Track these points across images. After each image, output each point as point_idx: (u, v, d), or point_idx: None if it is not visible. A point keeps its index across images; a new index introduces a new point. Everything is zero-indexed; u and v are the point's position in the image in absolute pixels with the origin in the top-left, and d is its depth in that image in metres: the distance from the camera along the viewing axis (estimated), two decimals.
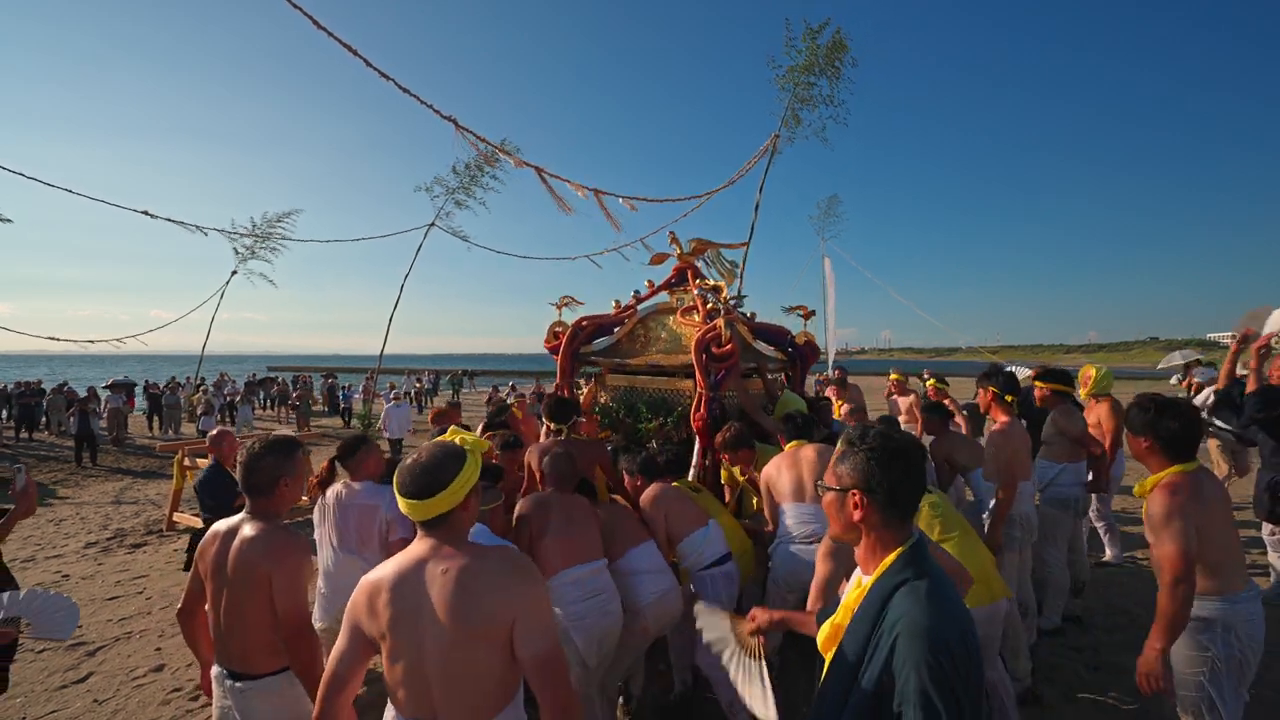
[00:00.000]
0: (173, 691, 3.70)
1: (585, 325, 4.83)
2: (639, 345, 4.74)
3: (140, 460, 12.48)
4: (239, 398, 18.54)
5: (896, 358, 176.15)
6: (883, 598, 1.30)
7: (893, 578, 1.31)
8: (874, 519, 1.36)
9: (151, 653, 4.20)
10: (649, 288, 5.13)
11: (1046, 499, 4.05)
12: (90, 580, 5.63)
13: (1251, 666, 2.18)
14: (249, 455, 2.09)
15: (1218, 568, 2.19)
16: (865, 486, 1.36)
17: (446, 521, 1.58)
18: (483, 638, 1.49)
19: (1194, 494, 2.18)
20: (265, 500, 2.08)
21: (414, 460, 1.60)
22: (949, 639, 1.20)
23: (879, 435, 1.38)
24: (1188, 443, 2.24)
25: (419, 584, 1.52)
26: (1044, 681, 3.48)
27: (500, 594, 1.51)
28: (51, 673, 3.91)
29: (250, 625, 1.98)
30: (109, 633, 4.51)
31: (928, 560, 1.34)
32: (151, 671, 3.94)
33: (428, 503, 1.54)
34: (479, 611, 1.48)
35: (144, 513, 8.25)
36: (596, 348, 4.85)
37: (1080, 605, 4.34)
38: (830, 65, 9.52)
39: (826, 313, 21.11)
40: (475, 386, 32.56)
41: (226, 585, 2.01)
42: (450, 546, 1.57)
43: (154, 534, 7.19)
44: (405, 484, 1.56)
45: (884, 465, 1.34)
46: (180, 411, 17.34)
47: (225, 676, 2.03)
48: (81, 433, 12.04)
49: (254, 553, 1.98)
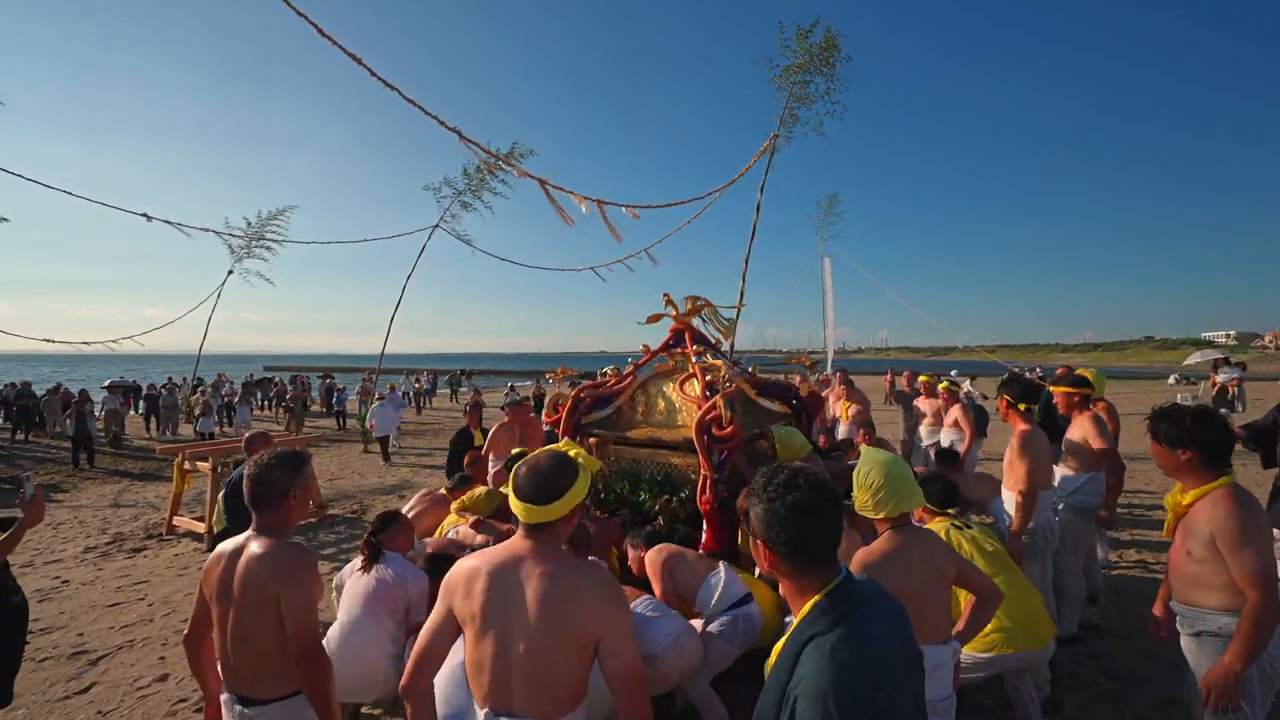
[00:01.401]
0: (178, 702, 3.63)
1: (585, 396, 4.73)
2: (639, 413, 4.62)
3: (138, 462, 12.38)
4: (237, 399, 18.42)
5: (893, 357, 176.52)
6: (794, 653, 1.25)
7: (806, 629, 1.26)
8: (784, 568, 1.33)
9: (155, 661, 4.13)
10: (644, 352, 5.02)
11: (1069, 508, 4.01)
12: (90, 586, 5.55)
13: (1274, 688, 2.16)
14: (257, 468, 2.01)
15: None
16: (768, 538, 1.32)
17: (551, 529, 1.67)
18: (568, 643, 1.57)
19: (1256, 505, 2.14)
20: (273, 515, 2.01)
21: (532, 466, 1.69)
22: (846, 705, 1.14)
23: (781, 485, 1.33)
24: (1229, 452, 2.20)
25: (516, 579, 1.61)
26: (1063, 690, 3.44)
27: (593, 608, 1.59)
28: (54, 683, 3.84)
29: (259, 648, 1.91)
30: (111, 641, 4.43)
31: (848, 604, 1.26)
32: (156, 681, 3.86)
33: (542, 509, 1.63)
34: (573, 619, 1.57)
35: (143, 516, 8.15)
36: (597, 418, 4.72)
37: (1096, 613, 4.30)
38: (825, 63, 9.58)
39: (825, 312, 21.11)
40: (474, 386, 32.47)
41: (233, 607, 1.93)
42: (551, 551, 1.66)
43: (153, 538, 7.11)
44: (523, 488, 1.65)
45: (784, 518, 1.30)
46: (178, 412, 17.22)
47: (234, 702, 1.96)
48: (78, 434, 11.94)
49: (263, 572, 1.90)
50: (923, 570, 2.04)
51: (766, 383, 4.95)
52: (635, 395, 4.70)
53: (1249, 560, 2.07)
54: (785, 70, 9.42)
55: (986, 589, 2.25)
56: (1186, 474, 2.25)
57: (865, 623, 1.25)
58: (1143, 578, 5.20)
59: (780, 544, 1.30)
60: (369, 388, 17.66)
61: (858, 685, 1.17)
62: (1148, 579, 5.14)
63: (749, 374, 5.04)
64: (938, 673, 2.04)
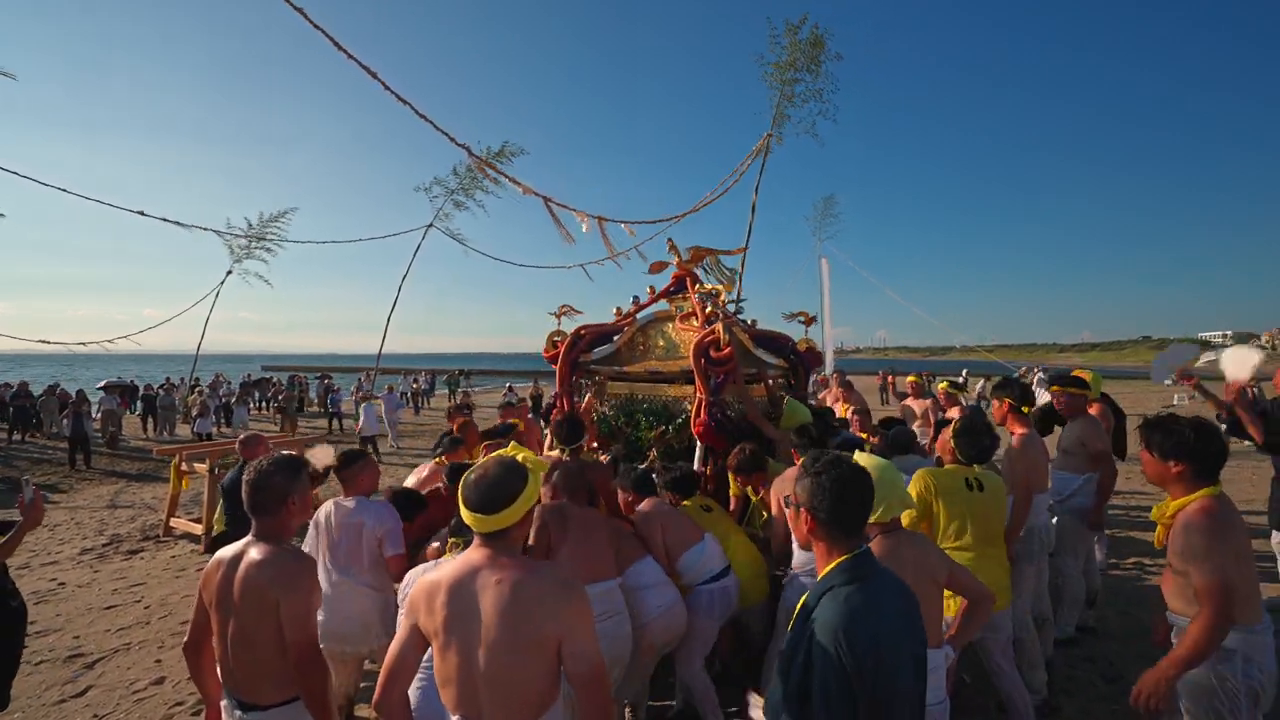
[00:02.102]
0: (174, 705, 3.62)
1: (584, 334, 4.79)
2: (638, 353, 4.69)
3: (134, 463, 12.34)
4: (234, 399, 18.38)
5: (891, 357, 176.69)
6: (817, 598, 1.52)
7: (827, 582, 1.52)
8: (820, 533, 1.58)
9: (151, 664, 4.11)
10: (650, 294, 5.09)
11: (1067, 510, 4.01)
12: (86, 588, 5.53)
13: (1267, 697, 2.16)
14: (256, 474, 2.00)
15: (1244, 600, 2.14)
16: (811, 506, 1.58)
17: (505, 536, 1.68)
18: (530, 648, 1.58)
19: (1232, 520, 2.12)
20: (272, 521, 2.00)
21: (480, 476, 1.70)
22: (853, 640, 1.37)
23: (829, 463, 1.60)
24: (1221, 464, 2.18)
25: (473, 590, 1.62)
26: (1060, 693, 3.45)
27: (550, 610, 1.60)
28: (50, 686, 3.83)
29: (259, 654, 1.91)
30: (107, 644, 4.41)
31: (866, 569, 1.52)
32: (152, 684, 3.85)
33: (494, 517, 1.64)
34: (529, 625, 1.58)
35: (140, 517, 8.14)
36: (596, 356, 4.82)
37: (1093, 616, 4.31)
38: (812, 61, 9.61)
39: (823, 313, 21.16)
40: (472, 386, 32.44)
41: (233, 614, 1.93)
42: (506, 558, 1.66)
43: (150, 539, 7.09)
44: (471, 499, 1.66)
45: (830, 490, 1.55)
46: (175, 413, 17.17)
47: (234, 708, 1.96)
48: (75, 435, 11.90)
49: (262, 578, 1.90)
50: (914, 573, 2.04)
51: (764, 334, 4.97)
52: (635, 338, 4.77)
53: (1205, 573, 2.06)
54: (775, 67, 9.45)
55: (978, 592, 2.26)
56: (1174, 484, 2.23)
57: (877, 586, 1.50)
58: (1140, 580, 5.21)
59: (820, 511, 1.56)
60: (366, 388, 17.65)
61: (864, 629, 1.40)
62: (1146, 581, 5.14)
63: (748, 325, 5.06)
64: (932, 676, 2.00)
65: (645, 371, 4.51)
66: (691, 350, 3.88)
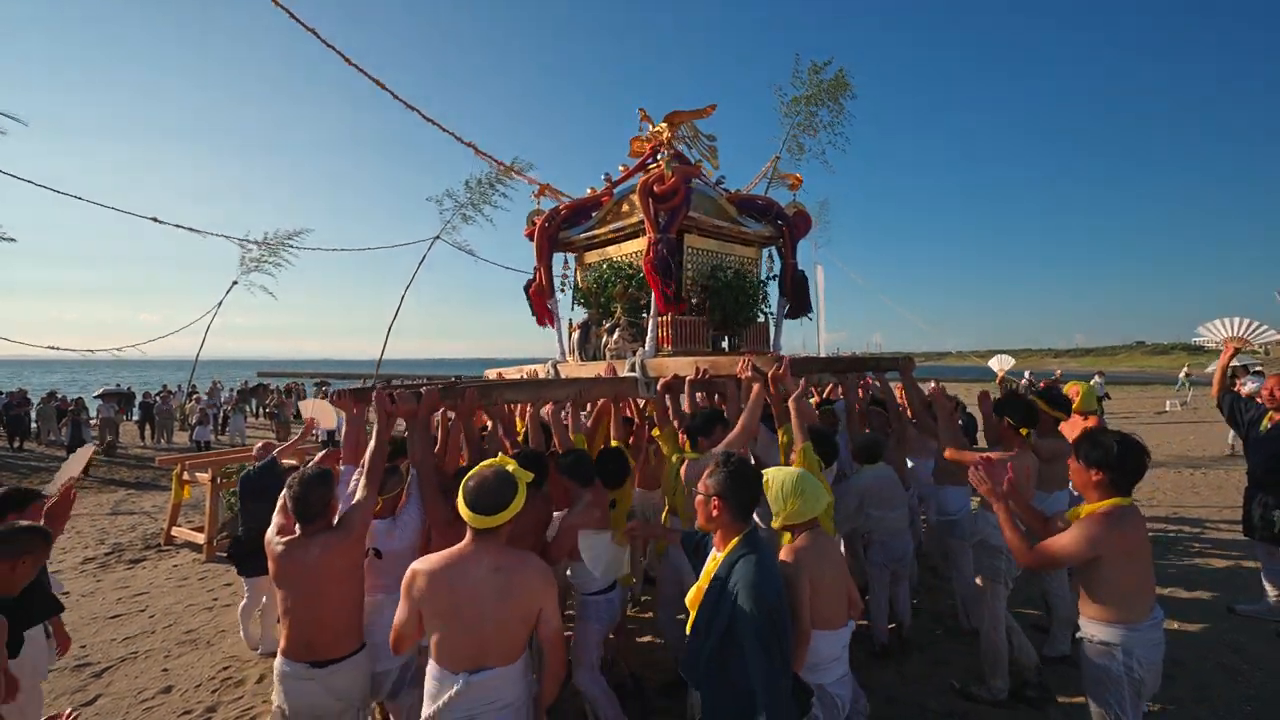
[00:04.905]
0: (183, 714, 3.70)
1: (562, 210, 4.84)
2: (610, 220, 4.79)
3: (133, 471, 12.37)
4: (230, 407, 18.39)
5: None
6: (730, 566, 2.05)
7: (736, 554, 2.07)
8: (724, 518, 2.14)
9: (158, 673, 4.19)
10: (623, 171, 5.09)
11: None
12: (90, 598, 5.60)
13: (1149, 686, 2.41)
14: (301, 488, 2.42)
15: (1128, 599, 2.40)
16: (722, 493, 2.13)
17: (496, 532, 2.11)
18: (523, 618, 2.10)
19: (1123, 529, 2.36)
20: (323, 521, 2.47)
21: (480, 482, 2.09)
22: (768, 593, 1.95)
23: (737, 462, 2.18)
24: (1136, 480, 2.41)
25: (474, 576, 2.05)
26: (1056, 708, 3.48)
27: (537, 589, 2.11)
28: (58, 695, 3.90)
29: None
30: (114, 653, 4.49)
31: (757, 541, 2.11)
32: (160, 693, 3.93)
33: (489, 518, 2.07)
34: (524, 600, 2.09)
35: (140, 526, 8.19)
36: (576, 235, 4.91)
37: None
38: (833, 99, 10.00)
39: (818, 318, 21.28)
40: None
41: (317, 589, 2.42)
42: (496, 548, 2.11)
43: (152, 549, 7.15)
44: (473, 502, 2.07)
45: (738, 481, 2.13)
46: (173, 420, 17.19)
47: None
48: (74, 443, 11.95)
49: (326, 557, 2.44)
50: (831, 562, 2.42)
51: (748, 199, 5.03)
52: (609, 211, 4.89)
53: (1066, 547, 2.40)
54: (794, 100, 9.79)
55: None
56: (1092, 490, 2.45)
57: (766, 554, 2.09)
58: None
59: (730, 498, 2.11)
60: None
61: (774, 582, 2.02)
62: None
63: (730, 191, 5.13)
64: (845, 653, 2.50)
65: (610, 231, 4.58)
66: (638, 191, 3.93)
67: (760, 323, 5.19)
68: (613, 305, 4.39)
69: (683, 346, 4.40)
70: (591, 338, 4.74)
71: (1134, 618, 2.39)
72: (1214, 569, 5.67)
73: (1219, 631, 4.39)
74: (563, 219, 4.85)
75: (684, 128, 5.00)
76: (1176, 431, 15.87)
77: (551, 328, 5.31)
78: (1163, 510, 7.94)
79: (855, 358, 7.96)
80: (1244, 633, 4.36)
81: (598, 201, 4.97)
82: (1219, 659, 4.00)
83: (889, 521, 4.08)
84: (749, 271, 5.14)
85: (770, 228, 5.01)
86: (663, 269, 3.85)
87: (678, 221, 3.96)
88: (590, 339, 4.73)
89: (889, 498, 4.08)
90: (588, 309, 4.56)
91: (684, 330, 4.35)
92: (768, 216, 4.96)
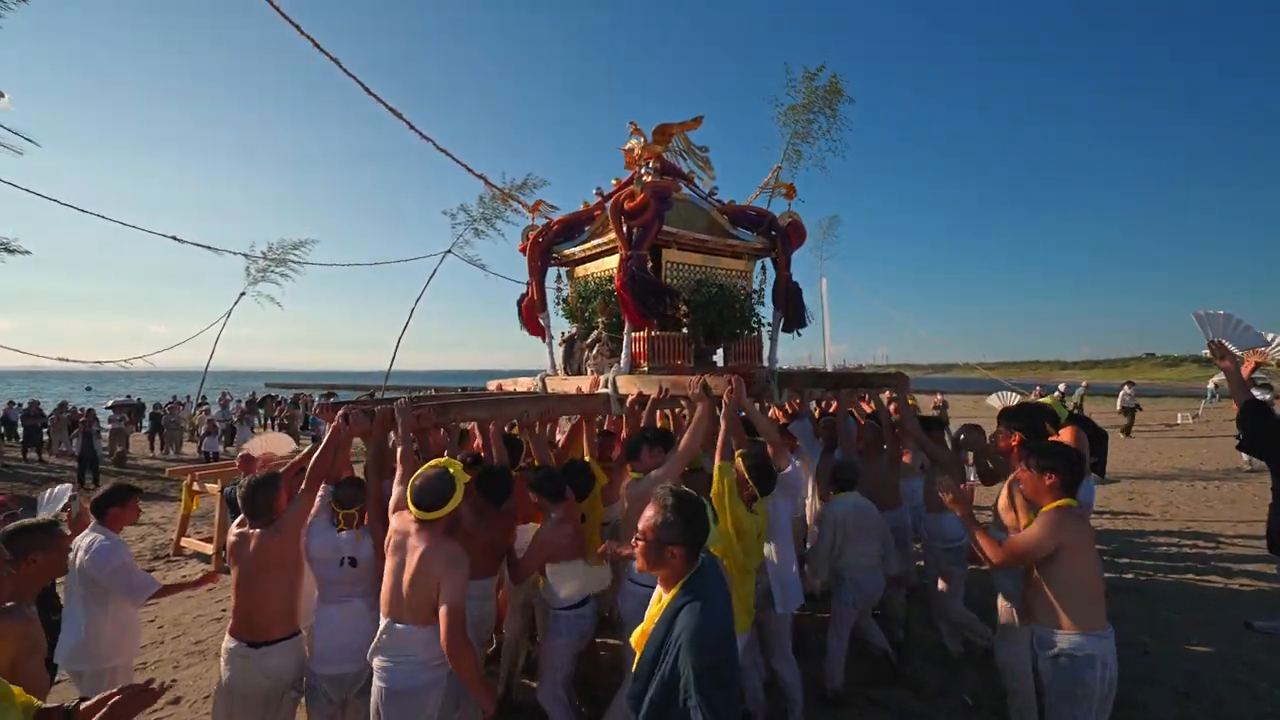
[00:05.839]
0: None
1: (554, 225, 4.85)
2: (598, 236, 4.80)
3: (143, 482, 12.44)
4: (239, 418, 18.51)
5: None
6: (674, 612, 1.85)
7: (678, 601, 1.86)
8: (675, 562, 1.90)
9: (167, 684, 4.20)
10: (615, 185, 5.00)
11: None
12: None
13: (1111, 698, 2.51)
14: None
15: (1085, 606, 2.47)
16: (678, 540, 1.88)
17: (433, 524, 2.48)
18: (429, 583, 2.41)
19: (1080, 522, 2.56)
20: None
21: (424, 482, 2.47)
22: (714, 645, 1.78)
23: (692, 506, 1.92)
24: (1081, 479, 2.65)
25: (409, 545, 2.50)
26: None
27: (439, 566, 2.42)
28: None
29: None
30: None
31: (705, 584, 1.90)
32: (169, 704, 3.94)
33: (427, 513, 2.46)
34: (431, 571, 2.42)
35: (150, 536, 8.23)
36: (569, 250, 4.94)
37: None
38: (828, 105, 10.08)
39: (824, 330, 21.25)
40: None
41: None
42: (429, 535, 2.48)
43: (161, 559, 7.19)
44: (416, 499, 2.46)
45: (692, 524, 1.89)
46: (182, 431, 17.31)
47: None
48: (84, 454, 12.03)
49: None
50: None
51: (742, 210, 4.99)
52: (600, 224, 4.89)
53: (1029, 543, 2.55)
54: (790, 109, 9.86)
55: None
56: (1044, 495, 2.63)
57: (715, 595, 1.88)
58: (1135, 603, 5.24)
59: (684, 542, 1.88)
60: None
61: (717, 631, 1.81)
62: (1143, 603, 5.19)
63: (723, 203, 5.10)
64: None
65: (592, 247, 4.59)
66: (610, 208, 3.92)
67: (754, 337, 5.10)
68: (595, 320, 4.41)
69: (660, 362, 4.27)
70: (576, 352, 4.76)
71: (1102, 625, 2.50)
72: (1230, 584, 5.60)
73: (1236, 648, 4.33)
74: (555, 234, 4.88)
75: (676, 140, 5.02)
76: (1189, 445, 15.70)
77: (543, 341, 5.30)
78: (1177, 525, 7.85)
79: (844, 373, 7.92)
80: (1262, 649, 4.30)
81: (590, 216, 5.01)
82: (1236, 675, 3.95)
83: (861, 558, 3.75)
84: (738, 285, 5.06)
85: (763, 239, 4.99)
86: (633, 285, 3.79)
87: (650, 237, 3.94)
88: (575, 353, 4.75)
89: (865, 529, 3.77)
90: (573, 323, 4.59)
91: (660, 346, 4.26)
92: (760, 228, 4.95)
